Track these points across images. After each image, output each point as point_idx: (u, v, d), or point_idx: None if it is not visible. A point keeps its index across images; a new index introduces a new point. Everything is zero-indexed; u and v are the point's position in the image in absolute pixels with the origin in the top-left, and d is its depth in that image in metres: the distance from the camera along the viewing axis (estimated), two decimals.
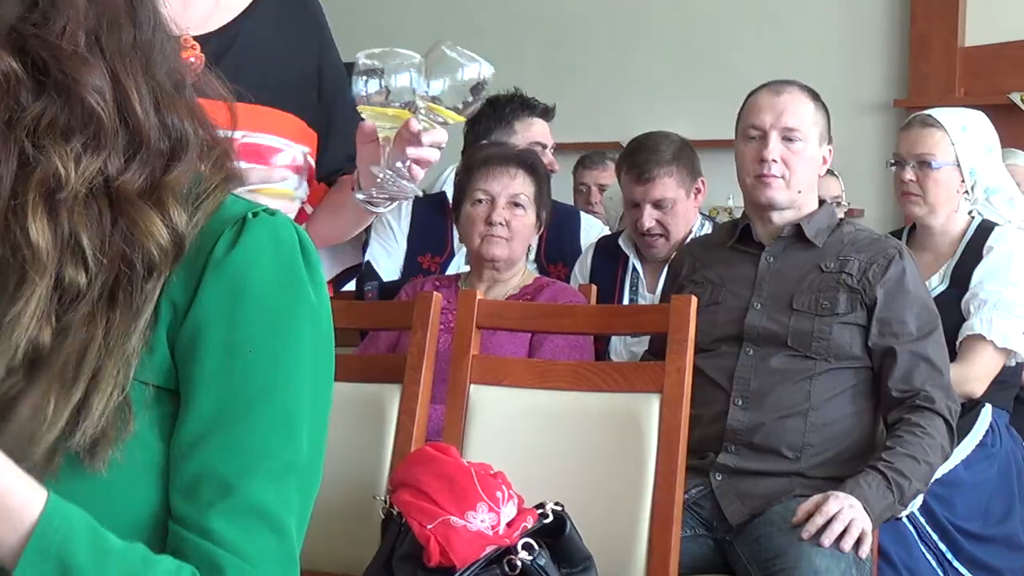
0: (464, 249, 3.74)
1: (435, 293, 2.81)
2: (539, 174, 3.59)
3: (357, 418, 2.70)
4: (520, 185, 3.54)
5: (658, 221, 3.96)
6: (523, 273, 3.58)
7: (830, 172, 4.69)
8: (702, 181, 4.05)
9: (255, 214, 1.38)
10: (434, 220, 4.20)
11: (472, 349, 2.79)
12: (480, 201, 3.53)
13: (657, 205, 3.95)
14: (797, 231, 3.18)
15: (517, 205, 3.52)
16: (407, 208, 4.19)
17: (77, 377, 1.29)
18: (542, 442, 2.70)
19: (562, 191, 4.67)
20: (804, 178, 3.19)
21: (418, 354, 2.73)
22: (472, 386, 2.77)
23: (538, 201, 3.56)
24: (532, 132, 4.39)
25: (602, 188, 5.53)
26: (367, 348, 3.49)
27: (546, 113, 4.54)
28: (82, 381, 1.28)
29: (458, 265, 4.04)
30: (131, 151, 1.34)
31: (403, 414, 2.70)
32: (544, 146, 4.40)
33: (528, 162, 3.59)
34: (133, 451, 1.30)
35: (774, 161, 3.14)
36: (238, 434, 1.33)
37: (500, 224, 3.49)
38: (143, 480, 1.32)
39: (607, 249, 4.12)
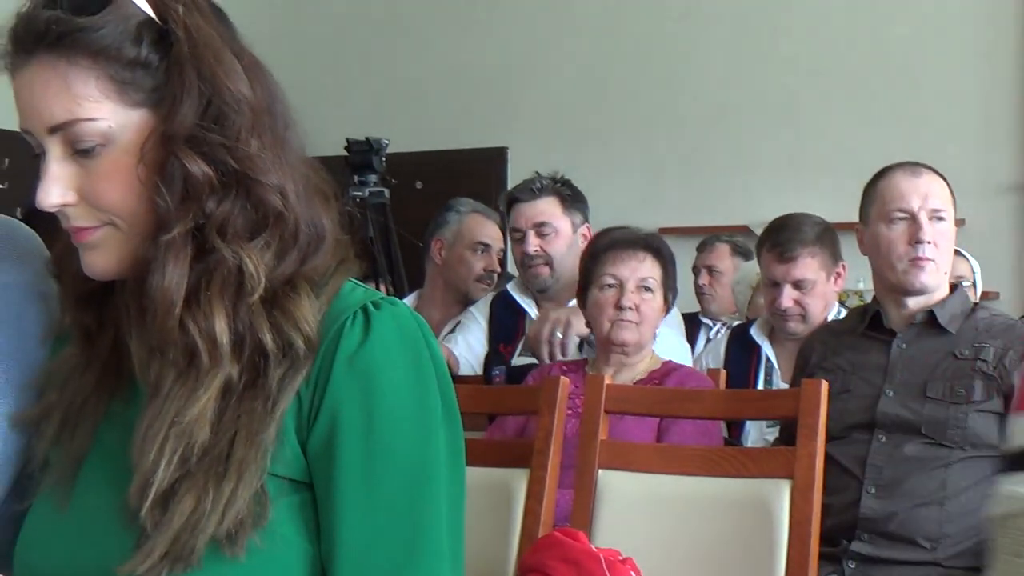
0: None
1: (562, 377, 2.81)
2: (665, 257, 3.59)
3: (485, 503, 2.70)
4: (648, 269, 3.54)
5: (796, 301, 3.93)
6: (651, 357, 3.57)
7: (958, 252, 4.63)
8: (843, 265, 4.02)
9: (375, 304, 1.39)
10: (507, 313, 4.27)
11: (600, 434, 2.78)
12: (609, 286, 3.53)
13: (797, 285, 3.92)
14: (930, 317, 3.13)
15: (646, 289, 3.52)
16: (486, 305, 4.34)
17: (228, 468, 1.31)
18: (671, 528, 2.67)
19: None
20: (948, 259, 3.15)
21: (546, 438, 2.72)
22: (600, 471, 2.75)
23: (665, 284, 3.56)
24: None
25: (711, 270, 5.52)
26: (494, 432, 3.49)
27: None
28: (233, 472, 1.31)
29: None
30: (288, 250, 1.38)
31: (531, 498, 2.69)
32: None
33: (654, 246, 3.60)
34: (270, 537, 1.32)
35: (929, 243, 3.10)
36: (385, 533, 1.34)
37: (630, 308, 3.49)
38: (281, 566, 1.34)
39: (740, 338, 4.09)
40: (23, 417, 1.44)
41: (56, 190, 1.34)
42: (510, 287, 4.35)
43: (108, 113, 1.33)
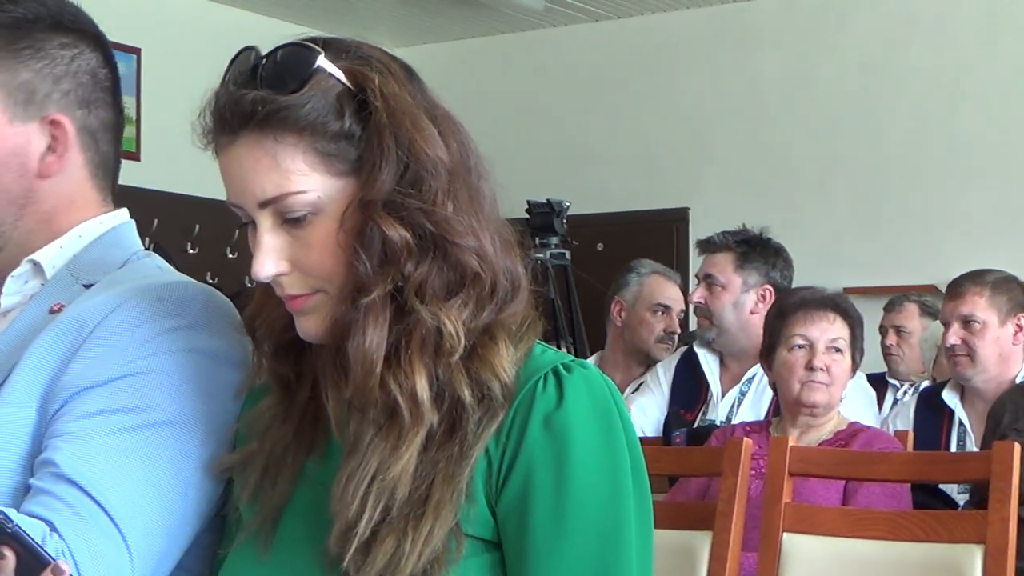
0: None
1: (745, 439, 2.78)
2: (853, 318, 3.58)
3: (667, 565, 2.68)
4: (838, 330, 3.53)
5: (963, 341, 3.86)
6: (836, 419, 3.53)
7: None
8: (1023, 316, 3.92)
9: (566, 367, 1.40)
10: (690, 378, 4.26)
11: (784, 496, 2.75)
12: (799, 347, 3.51)
13: (964, 324, 3.86)
14: None
15: (836, 350, 3.50)
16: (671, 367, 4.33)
17: (426, 511, 1.34)
18: None
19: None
20: None
21: (729, 500, 2.70)
22: (785, 534, 2.72)
23: (853, 345, 3.54)
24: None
25: (899, 331, 5.43)
26: (676, 494, 3.47)
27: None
28: (430, 513, 1.34)
29: None
30: (485, 302, 1.40)
31: (714, 561, 2.67)
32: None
33: (843, 306, 3.59)
34: None
35: None
36: None
37: (821, 370, 3.46)
38: None
39: (929, 399, 4.02)
40: (222, 464, 1.49)
41: (270, 261, 1.39)
42: (696, 344, 4.34)
43: (316, 184, 1.37)
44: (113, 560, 1.42)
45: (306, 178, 1.36)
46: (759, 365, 4.02)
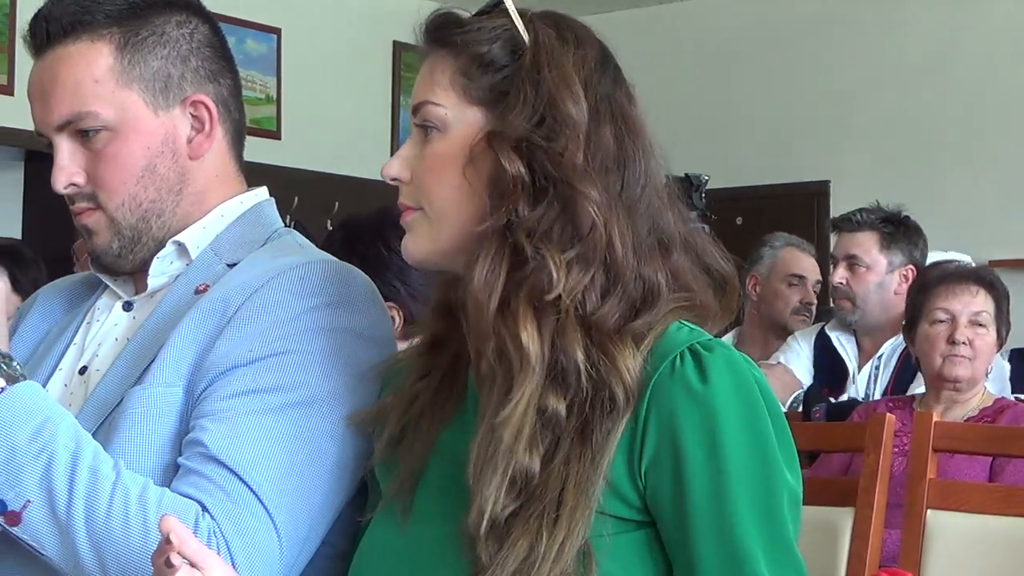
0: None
1: (888, 415, 2.74)
2: (998, 291, 3.52)
3: (807, 542, 2.64)
4: (981, 303, 3.49)
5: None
6: (982, 394, 3.47)
7: None
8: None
9: (705, 345, 1.39)
10: (827, 358, 4.24)
11: (928, 473, 2.70)
12: (940, 321, 3.46)
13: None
14: None
15: (979, 324, 3.45)
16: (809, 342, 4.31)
17: (560, 517, 1.34)
18: (1005, 572, 2.57)
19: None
20: None
21: (871, 477, 2.67)
22: (929, 511, 2.68)
23: (998, 319, 3.49)
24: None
25: None
26: (817, 470, 3.44)
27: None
28: (564, 520, 1.33)
29: None
30: (607, 286, 1.40)
31: (856, 538, 2.64)
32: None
33: (987, 279, 3.55)
34: None
35: None
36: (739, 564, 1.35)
37: (963, 343, 3.41)
38: None
39: None
40: (360, 417, 1.52)
41: (398, 164, 1.47)
42: (828, 327, 4.30)
43: (450, 102, 1.44)
44: (263, 541, 1.45)
45: (444, 93, 1.43)
46: (889, 342, 3.99)
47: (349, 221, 2.57)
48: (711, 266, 1.50)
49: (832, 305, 4.29)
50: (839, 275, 4.16)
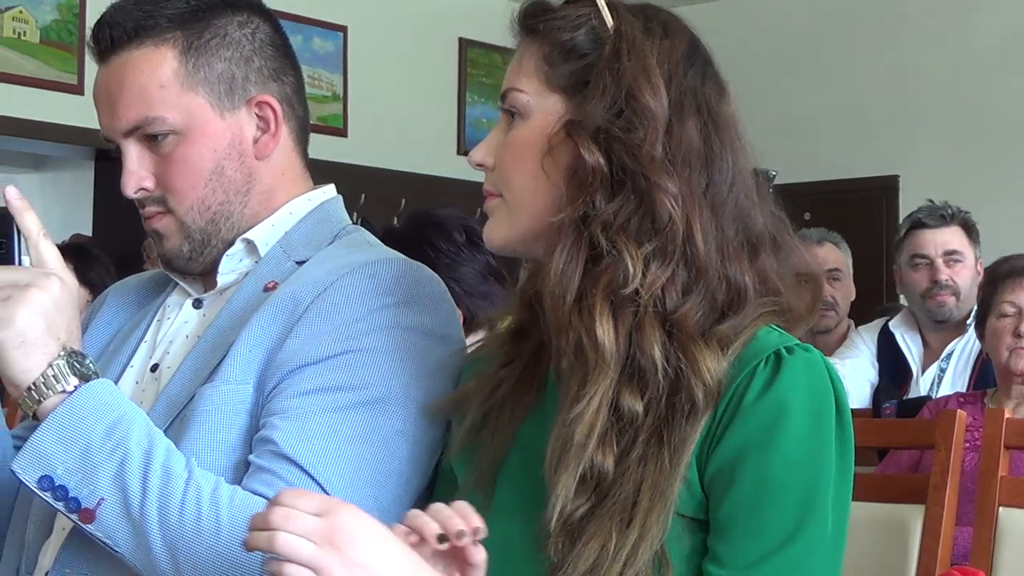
0: None
1: (959, 411, 2.71)
2: None
3: (876, 539, 2.64)
4: None
5: None
6: None
7: None
8: None
9: (789, 349, 1.37)
10: (891, 357, 4.20)
11: (1000, 470, 2.68)
12: (1007, 315, 3.42)
13: None
14: None
15: None
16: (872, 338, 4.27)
17: (633, 518, 1.33)
18: None
19: None
20: None
21: (942, 474, 2.64)
22: (1001, 508, 2.65)
23: None
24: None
25: None
26: (887, 467, 3.41)
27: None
28: (637, 521, 1.32)
29: None
30: (689, 284, 1.38)
31: (927, 536, 2.61)
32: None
33: None
34: None
35: None
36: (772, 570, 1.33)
37: None
38: None
39: None
40: (440, 404, 1.52)
41: (483, 150, 1.48)
42: (892, 325, 4.26)
43: (532, 89, 1.44)
44: None
45: (528, 79, 1.44)
46: (957, 340, 3.95)
47: (389, 232, 2.57)
48: (798, 267, 1.47)
49: (929, 302, 4.19)
50: (944, 272, 4.11)
